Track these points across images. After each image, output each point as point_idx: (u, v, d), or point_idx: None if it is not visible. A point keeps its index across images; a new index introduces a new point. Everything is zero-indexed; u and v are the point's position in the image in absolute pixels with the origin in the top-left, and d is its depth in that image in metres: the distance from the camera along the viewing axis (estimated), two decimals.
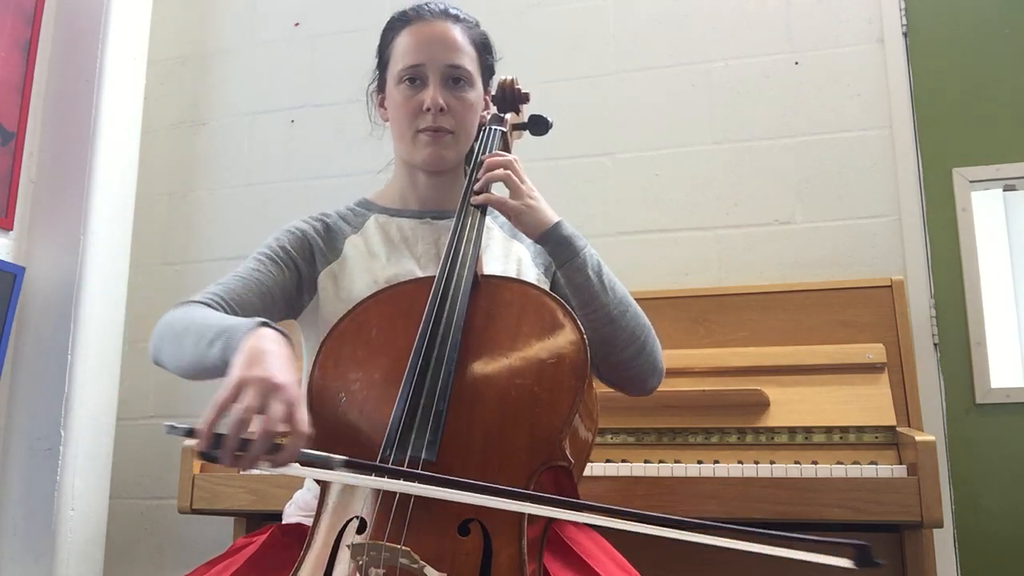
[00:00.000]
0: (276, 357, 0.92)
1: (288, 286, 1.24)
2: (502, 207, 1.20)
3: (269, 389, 0.87)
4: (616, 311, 1.18)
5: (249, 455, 0.85)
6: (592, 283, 1.18)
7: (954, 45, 2.15)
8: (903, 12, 2.18)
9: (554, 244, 1.19)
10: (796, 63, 2.23)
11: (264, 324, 0.98)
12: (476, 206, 1.21)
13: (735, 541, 0.92)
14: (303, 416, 0.87)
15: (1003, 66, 2.10)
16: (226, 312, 1.14)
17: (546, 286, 1.30)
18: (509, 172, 1.21)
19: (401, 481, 0.91)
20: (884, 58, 2.17)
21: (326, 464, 0.89)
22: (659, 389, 1.74)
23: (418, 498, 0.91)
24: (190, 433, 0.87)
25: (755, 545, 0.92)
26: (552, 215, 1.21)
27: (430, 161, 1.27)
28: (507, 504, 0.87)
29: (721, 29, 2.31)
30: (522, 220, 1.20)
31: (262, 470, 0.88)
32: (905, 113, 2.13)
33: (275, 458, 0.86)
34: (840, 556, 0.82)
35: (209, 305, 1.14)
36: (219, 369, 0.98)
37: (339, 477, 0.94)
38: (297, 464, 0.88)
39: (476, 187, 1.22)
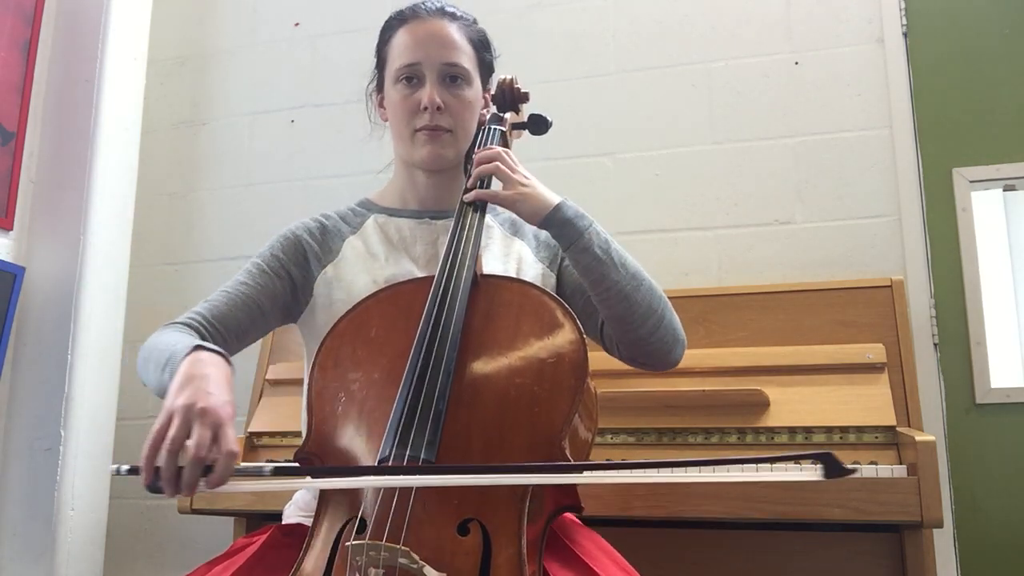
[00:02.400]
0: (205, 380, 0.95)
1: (280, 294, 1.25)
2: (495, 199, 1.20)
3: (194, 415, 0.90)
4: (629, 286, 1.17)
5: (184, 482, 0.88)
6: (601, 261, 1.16)
7: (954, 45, 2.15)
8: (903, 12, 2.18)
9: (557, 227, 1.18)
10: (796, 63, 2.23)
11: (199, 347, 1.00)
12: (471, 203, 1.21)
13: (697, 473, 0.93)
14: (228, 436, 0.90)
15: (1003, 66, 2.10)
16: (206, 332, 1.16)
17: (551, 281, 1.30)
18: (498, 163, 1.21)
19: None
20: (884, 58, 2.17)
21: (258, 473, 0.92)
22: (659, 389, 1.76)
23: (418, 498, 0.91)
24: (134, 471, 0.90)
25: (716, 475, 0.96)
26: (551, 198, 1.19)
27: (428, 160, 1.27)
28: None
29: (721, 29, 2.31)
30: (520, 208, 1.19)
31: (205, 491, 0.91)
32: (905, 113, 2.13)
33: (208, 480, 0.89)
34: (806, 472, 0.82)
35: (190, 326, 1.16)
36: None
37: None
38: (231, 480, 0.91)
39: (468, 184, 1.22)
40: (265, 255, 1.27)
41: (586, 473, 0.94)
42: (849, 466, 0.80)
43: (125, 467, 0.91)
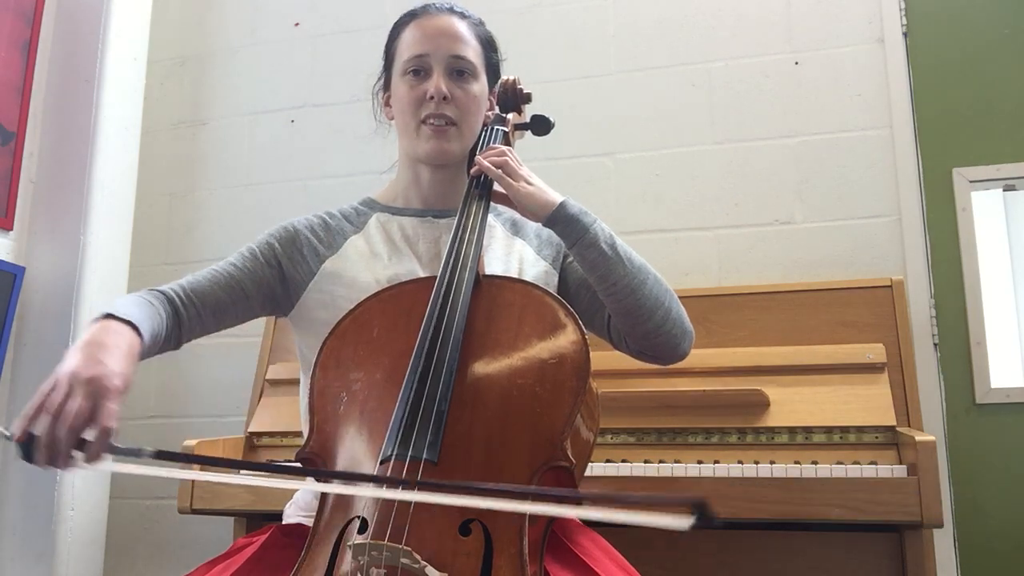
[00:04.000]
0: (101, 348, 0.93)
1: (266, 281, 1.25)
2: (501, 182, 1.20)
3: (79, 383, 0.88)
4: (636, 280, 1.18)
5: (56, 452, 0.86)
6: (607, 256, 1.17)
7: (954, 45, 2.15)
8: (903, 12, 2.18)
9: (562, 224, 1.19)
10: (796, 63, 2.23)
11: (109, 316, 0.99)
12: (478, 204, 1.21)
13: (554, 506, 0.90)
14: (108, 409, 0.88)
15: (1003, 66, 2.10)
16: (180, 302, 1.17)
17: (554, 279, 1.30)
18: (506, 159, 1.22)
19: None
20: (884, 58, 2.17)
21: (136, 454, 0.89)
22: (659, 389, 1.76)
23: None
24: (8, 438, 0.88)
25: (580, 510, 0.92)
26: (555, 196, 1.20)
27: (433, 154, 1.27)
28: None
29: (721, 29, 2.31)
30: (524, 204, 1.20)
31: (79, 467, 0.87)
32: (905, 113, 2.13)
33: (84, 455, 0.86)
34: (677, 515, 0.75)
35: (165, 294, 1.16)
36: None
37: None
38: (110, 458, 0.89)
39: (478, 161, 1.23)
40: (260, 241, 1.28)
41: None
42: (718, 519, 0.74)
43: (6, 432, 0.88)
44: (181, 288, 1.19)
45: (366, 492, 0.93)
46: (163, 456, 0.88)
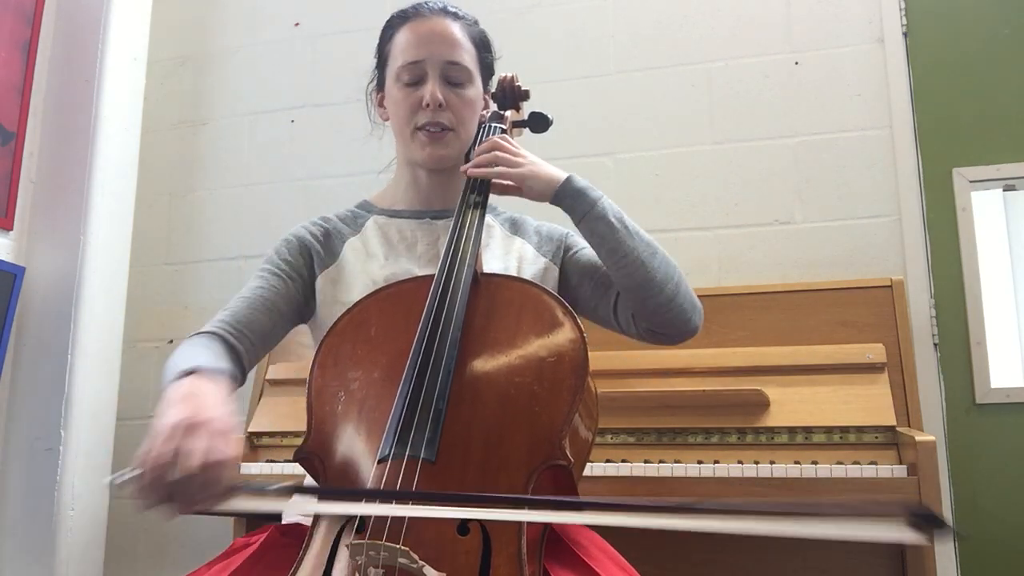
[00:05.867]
0: (194, 397, 0.91)
1: (294, 296, 1.26)
2: (504, 176, 1.20)
3: (179, 432, 0.84)
4: (646, 253, 1.18)
5: (178, 499, 0.84)
6: (616, 229, 1.18)
7: (954, 45, 2.15)
8: (903, 12, 2.18)
9: (570, 199, 1.19)
10: (796, 63, 2.23)
11: (187, 373, 0.96)
12: (475, 204, 1.21)
13: (756, 522, 0.77)
14: (219, 448, 0.84)
15: (1003, 66, 2.10)
16: (232, 337, 1.15)
17: (554, 274, 1.30)
18: (496, 152, 1.22)
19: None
20: (884, 58, 2.17)
21: (262, 493, 0.86)
22: (659, 389, 1.76)
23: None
24: (125, 482, 0.85)
25: (780, 524, 0.74)
26: (559, 172, 1.21)
27: (430, 160, 1.27)
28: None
29: (721, 29, 2.31)
30: (529, 185, 1.20)
31: (210, 509, 0.85)
32: (905, 113, 2.13)
33: (204, 496, 0.84)
34: (893, 524, 0.67)
35: (215, 334, 1.14)
36: None
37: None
38: (240, 496, 0.86)
39: (468, 170, 1.23)
40: (274, 260, 1.28)
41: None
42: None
43: (122, 476, 0.85)
44: (227, 324, 1.17)
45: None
46: (291, 490, 0.86)
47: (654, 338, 1.25)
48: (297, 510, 1.14)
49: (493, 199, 1.27)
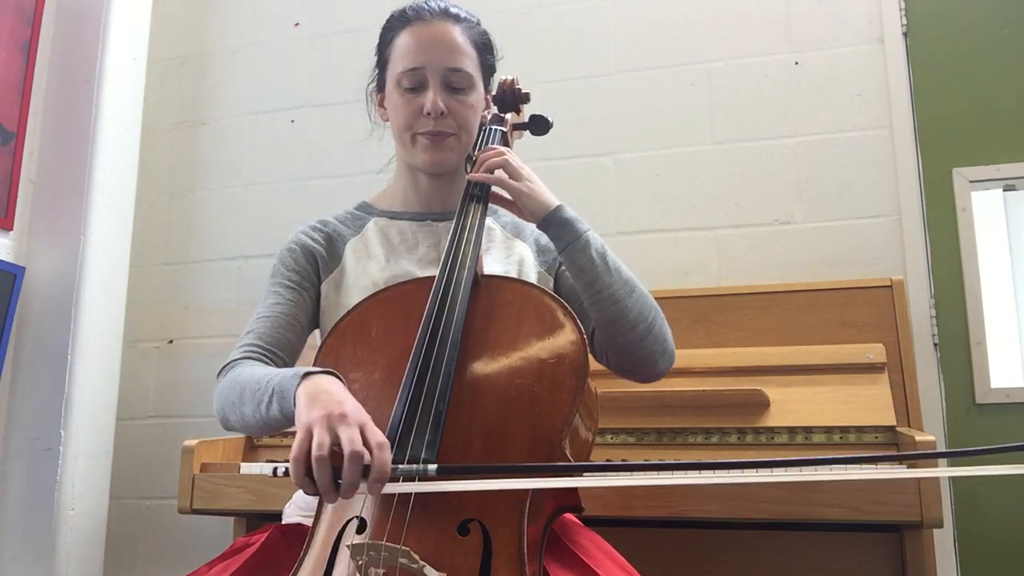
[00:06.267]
0: (329, 392, 0.95)
1: (310, 305, 1.27)
2: (502, 185, 1.21)
3: (335, 421, 0.89)
4: (622, 291, 1.18)
5: (346, 484, 0.87)
6: (595, 263, 1.18)
7: (954, 45, 2.15)
8: (903, 12, 2.18)
9: (556, 227, 1.19)
10: (796, 63, 2.23)
11: (308, 374, 1.00)
12: (476, 204, 1.21)
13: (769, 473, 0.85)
14: (374, 430, 0.90)
15: (1003, 66, 2.10)
16: (267, 357, 1.17)
17: (549, 284, 1.31)
18: (506, 158, 1.22)
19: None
20: (884, 58, 2.17)
21: (422, 473, 0.89)
22: (659, 389, 1.75)
23: (418, 497, 0.91)
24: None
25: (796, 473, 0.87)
26: (553, 199, 1.21)
27: (431, 165, 1.27)
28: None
29: (721, 29, 2.31)
30: (524, 203, 1.20)
31: (371, 494, 0.89)
32: (905, 113, 2.13)
33: (369, 481, 0.88)
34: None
35: (252, 358, 1.16)
36: (284, 423, 1.03)
37: None
38: (393, 479, 0.89)
39: (471, 171, 1.23)
40: (283, 272, 1.27)
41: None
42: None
43: (282, 468, 0.91)
44: (256, 346, 1.19)
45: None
46: (446, 472, 0.90)
47: (622, 374, 1.26)
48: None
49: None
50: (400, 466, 0.91)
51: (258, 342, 1.19)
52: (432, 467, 0.90)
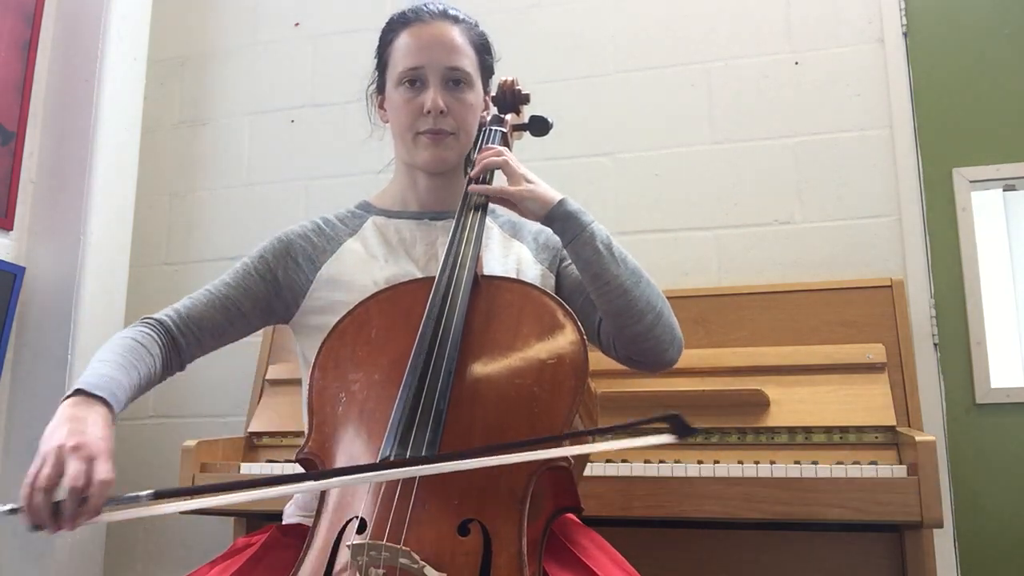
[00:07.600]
0: (77, 420, 0.99)
1: (263, 296, 1.27)
2: (503, 193, 1.21)
3: (66, 453, 0.93)
4: (629, 281, 1.18)
5: (65, 516, 0.91)
6: (602, 255, 1.18)
7: (954, 45, 2.15)
8: (903, 12, 2.18)
9: (561, 221, 1.19)
10: (796, 63, 2.23)
11: (77, 391, 1.03)
12: (472, 204, 1.21)
13: (537, 451, 0.92)
14: (101, 467, 0.93)
15: (1003, 66, 2.10)
16: (178, 331, 1.21)
17: (550, 282, 1.31)
18: (506, 159, 1.23)
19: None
20: (884, 58, 2.17)
21: (136, 502, 0.93)
22: (659, 389, 1.76)
23: (418, 497, 0.91)
24: (15, 512, 0.93)
25: (567, 449, 0.94)
26: (554, 194, 1.21)
27: (431, 163, 1.27)
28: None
29: (721, 29, 2.31)
30: (526, 205, 1.21)
31: (89, 523, 0.93)
32: (905, 113, 2.13)
33: (86, 510, 0.92)
34: (658, 434, 0.87)
35: (162, 323, 1.20)
36: None
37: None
38: (113, 509, 0.94)
39: (472, 174, 1.23)
40: (254, 256, 1.29)
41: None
42: (696, 426, 0.87)
43: (6, 508, 0.93)
44: (178, 315, 1.22)
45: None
46: (161, 496, 0.93)
47: (631, 364, 1.25)
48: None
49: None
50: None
51: (182, 313, 1.22)
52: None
